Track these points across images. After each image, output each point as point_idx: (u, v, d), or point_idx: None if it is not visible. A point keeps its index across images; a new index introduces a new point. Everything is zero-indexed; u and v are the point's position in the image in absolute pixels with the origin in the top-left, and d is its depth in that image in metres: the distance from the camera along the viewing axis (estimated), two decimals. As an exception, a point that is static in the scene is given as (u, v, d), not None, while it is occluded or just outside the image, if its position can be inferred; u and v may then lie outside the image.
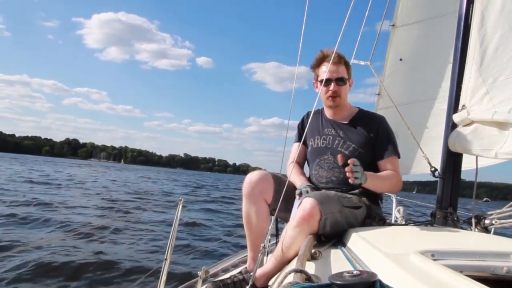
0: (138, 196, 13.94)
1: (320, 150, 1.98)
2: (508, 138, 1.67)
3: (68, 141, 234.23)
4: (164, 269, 1.94)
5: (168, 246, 1.97)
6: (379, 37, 2.72)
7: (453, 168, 2.06)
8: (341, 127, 1.97)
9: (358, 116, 1.99)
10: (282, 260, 1.51)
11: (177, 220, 2.01)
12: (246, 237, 1.89)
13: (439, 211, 2.04)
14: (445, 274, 0.79)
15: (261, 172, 1.87)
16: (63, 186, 15.26)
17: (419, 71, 3.70)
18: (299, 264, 1.02)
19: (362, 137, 1.90)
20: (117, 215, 8.27)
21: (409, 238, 1.46)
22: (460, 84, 2.00)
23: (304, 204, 1.50)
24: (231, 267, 2.38)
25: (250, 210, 1.84)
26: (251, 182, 1.83)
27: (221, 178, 72.43)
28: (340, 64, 1.91)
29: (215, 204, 11.89)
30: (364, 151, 1.88)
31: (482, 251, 1.02)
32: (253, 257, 1.87)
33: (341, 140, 1.93)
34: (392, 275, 0.86)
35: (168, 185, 25.67)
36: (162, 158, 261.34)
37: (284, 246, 1.49)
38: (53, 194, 11.42)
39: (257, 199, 1.82)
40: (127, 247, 5.21)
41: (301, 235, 1.45)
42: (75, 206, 8.99)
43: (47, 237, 5.13)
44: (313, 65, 2.00)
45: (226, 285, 1.68)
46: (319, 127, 2.03)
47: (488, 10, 1.88)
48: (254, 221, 1.83)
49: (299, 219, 1.47)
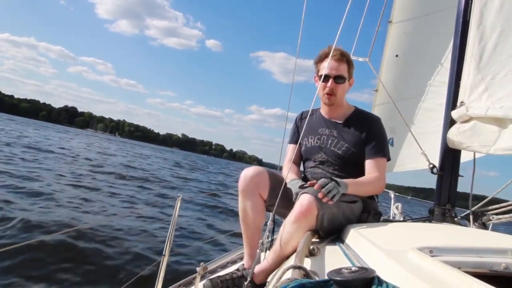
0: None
1: (314, 149, 1.98)
2: (506, 134, 1.68)
3: (66, 108, 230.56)
4: (162, 265, 1.95)
5: (166, 242, 1.97)
6: (377, 34, 2.71)
7: (451, 164, 2.07)
8: (335, 126, 1.97)
9: (353, 115, 1.98)
10: (281, 256, 1.51)
11: (175, 217, 2.01)
12: (242, 233, 1.90)
13: (437, 208, 2.05)
14: (443, 270, 0.79)
15: (256, 168, 1.88)
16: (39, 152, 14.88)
17: (415, 67, 3.70)
18: (297, 260, 1.02)
19: (355, 137, 1.90)
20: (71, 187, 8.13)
21: (407, 235, 1.46)
22: (459, 81, 2.00)
23: (301, 200, 1.50)
24: (229, 264, 2.38)
25: (246, 206, 1.84)
26: (246, 177, 1.83)
27: (217, 162, 70.72)
28: (341, 61, 1.89)
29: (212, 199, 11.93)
30: (356, 151, 1.88)
31: (480, 248, 1.02)
32: (249, 253, 1.87)
33: (335, 140, 1.93)
34: (390, 271, 0.86)
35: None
36: (159, 136, 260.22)
37: (282, 242, 1.49)
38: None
39: (252, 195, 1.82)
40: (124, 243, 5.20)
41: (299, 231, 1.46)
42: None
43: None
44: (316, 60, 1.99)
45: (225, 281, 1.69)
46: (314, 126, 2.03)
47: (487, 7, 1.87)
48: (250, 217, 1.84)
49: (296, 215, 1.47)
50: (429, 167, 2.13)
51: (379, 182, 1.82)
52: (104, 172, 12.48)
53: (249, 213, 1.83)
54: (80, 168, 12.16)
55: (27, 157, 12.03)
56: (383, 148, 1.88)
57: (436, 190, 2.10)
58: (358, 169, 1.86)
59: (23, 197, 6.41)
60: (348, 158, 1.88)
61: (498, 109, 1.72)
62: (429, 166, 2.13)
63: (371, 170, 1.84)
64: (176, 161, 33.91)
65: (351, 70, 1.96)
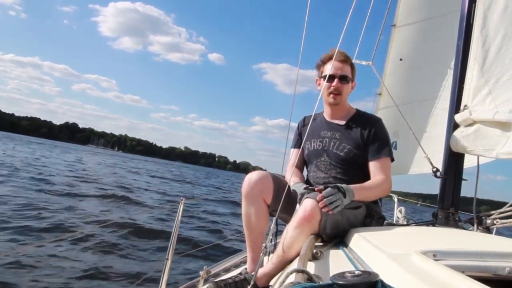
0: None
1: (316, 152, 1.98)
2: (510, 138, 1.67)
3: (67, 125, 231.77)
4: (165, 269, 1.95)
5: (169, 246, 1.97)
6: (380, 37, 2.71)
7: (454, 168, 2.06)
8: (337, 128, 1.97)
9: (355, 117, 1.99)
10: (283, 260, 1.51)
11: (178, 221, 2.01)
12: (246, 237, 1.89)
13: (440, 211, 2.04)
14: (447, 274, 0.79)
15: (260, 173, 1.87)
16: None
17: (419, 70, 3.70)
18: (300, 264, 1.02)
19: (357, 139, 1.90)
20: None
21: (411, 238, 1.46)
22: (462, 84, 2.00)
23: (304, 204, 1.50)
24: (233, 267, 2.38)
25: (249, 210, 1.84)
26: (251, 182, 1.83)
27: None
28: (346, 63, 1.93)
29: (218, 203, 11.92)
30: (359, 152, 1.88)
31: (484, 252, 1.01)
32: (252, 258, 1.87)
33: (337, 142, 1.93)
34: (394, 275, 0.86)
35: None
36: (162, 150, 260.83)
37: (285, 246, 1.49)
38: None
39: (256, 199, 1.82)
40: (127, 247, 5.21)
41: (302, 236, 1.45)
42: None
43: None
44: (320, 62, 2.01)
45: (228, 285, 1.68)
46: (316, 130, 2.03)
47: (490, 11, 1.87)
48: (253, 221, 1.83)
49: (299, 220, 1.47)
50: (432, 171, 2.12)
51: (386, 183, 1.82)
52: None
53: (252, 218, 1.83)
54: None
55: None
56: (386, 149, 1.88)
57: (440, 194, 2.09)
58: (360, 171, 1.86)
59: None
60: (351, 160, 1.88)
61: (504, 113, 1.71)
62: (432, 170, 2.12)
63: (376, 172, 1.83)
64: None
65: (354, 73, 1.99)
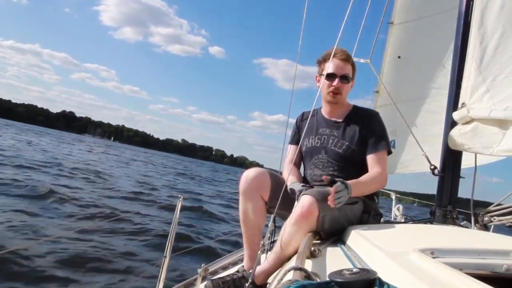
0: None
1: (314, 149, 1.98)
2: (508, 136, 1.68)
3: (63, 114, 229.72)
4: (163, 266, 1.95)
5: (167, 243, 1.97)
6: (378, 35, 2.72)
7: (452, 166, 2.07)
8: (336, 125, 1.98)
9: (352, 113, 1.99)
10: (281, 257, 1.51)
11: (176, 218, 2.01)
12: (243, 234, 1.89)
13: (438, 209, 2.05)
14: (445, 272, 0.79)
15: (257, 169, 1.88)
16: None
17: (417, 68, 3.70)
18: (298, 261, 1.02)
19: (355, 135, 1.90)
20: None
21: (409, 236, 1.46)
22: (460, 82, 2.00)
23: (302, 201, 1.50)
24: (231, 265, 2.38)
25: (246, 207, 1.83)
26: (248, 178, 1.83)
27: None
28: (347, 62, 1.92)
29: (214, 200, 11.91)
30: (357, 148, 1.88)
31: (481, 249, 1.02)
32: (249, 255, 1.87)
33: (335, 139, 1.93)
34: (392, 273, 0.86)
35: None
36: (159, 142, 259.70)
37: (283, 243, 1.49)
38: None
39: (253, 196, 1.82)
40: (125, 244, 5.21)
41: (300, 233, 1.45)
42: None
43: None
44: (321, 59, 2.00)
45: (226, 282, 1.69)
46: (315, 127, 2.03)
47: (488, 9, 1.87)
48: (250, 218, 1.83)
49: (297, 217, 1.47)
50: (430, 169, 2.13)
51: (382, 176, 1.83)
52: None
53: (249, 214, 1.83)
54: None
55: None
56: (383, 142, 1.89)
57: (437, 191, 2.10)
58: (357, 169, 1.86)
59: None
60: (349, 157, 1.88)
61: (500, 110, 1.71)
62: (430, 168, 2.13)
63: (373, 165, 1.85)
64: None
65: (354, 72, 1.99)
